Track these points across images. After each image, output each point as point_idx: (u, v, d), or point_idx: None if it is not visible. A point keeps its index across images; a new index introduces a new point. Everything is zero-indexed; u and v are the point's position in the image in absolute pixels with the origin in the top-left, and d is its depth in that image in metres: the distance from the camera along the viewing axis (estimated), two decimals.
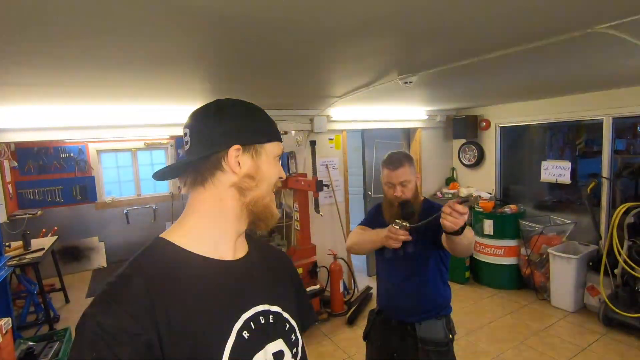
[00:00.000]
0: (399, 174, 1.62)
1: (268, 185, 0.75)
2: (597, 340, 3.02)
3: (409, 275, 1.67)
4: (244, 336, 0.67)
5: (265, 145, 0.74)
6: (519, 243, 3.98)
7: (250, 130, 0.73)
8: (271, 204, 0.77)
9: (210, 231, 0.71)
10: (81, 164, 5.43)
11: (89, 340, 0.56)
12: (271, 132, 0.77)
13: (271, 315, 0.74)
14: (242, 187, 0.72)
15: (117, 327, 0.57)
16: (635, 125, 3.66)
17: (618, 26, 1.22)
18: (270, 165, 0.75)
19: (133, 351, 0.56)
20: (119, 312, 0.58)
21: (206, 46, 1.31)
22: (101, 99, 2.40)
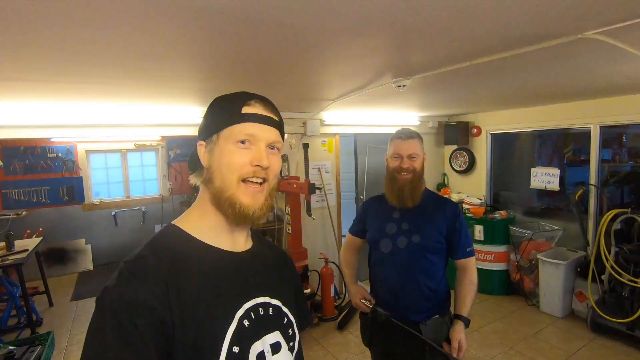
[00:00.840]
0: (410, 145, 1.53)
1: (223, 174, 0.70)
2: (585, 346, 3.04)
3: (412, 269, 1.55)
4: (244, 324, 0.69)
5: (220, 134, 0.72)
6: (509, 249, 4.02)
7: (209, 123, 0.75)
8: (232, 197, 0.70)
9: (208, 221, 0.74)
10: (69, 164, 5.33)
11: (110, 310, 0.59)
12: (226, 116, 0.72)
13: (271, 307, 0.75)
14: (205, 179, 0.74)
15: (137, 299, 0.59)
16: (621, 135, 3.75)
17: (607, 32, 1.24)
18: (225, 154, 0.70)
19: (149, 324, 0.59)
20: (138, 286, 0.61)
21: (196, 44, 1.30)
22: (91, 96, 2.36)
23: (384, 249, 1.59)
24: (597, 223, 3.48)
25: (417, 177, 1.55)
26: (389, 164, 1.62)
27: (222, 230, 0.75)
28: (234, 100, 0.74)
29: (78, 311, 4.08)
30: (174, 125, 3.19)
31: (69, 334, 3.55)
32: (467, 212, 4.29)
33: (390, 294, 1.59)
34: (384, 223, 1.62)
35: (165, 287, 0.62)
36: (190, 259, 0.68)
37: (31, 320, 3.44)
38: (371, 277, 1.72)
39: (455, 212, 1.60)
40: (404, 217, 1.59)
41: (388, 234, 1.60)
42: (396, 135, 1.60)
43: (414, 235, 1.55)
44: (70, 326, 3.71)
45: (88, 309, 4.13)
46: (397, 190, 1.55)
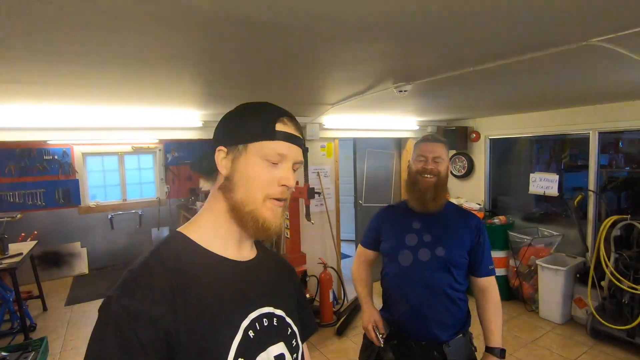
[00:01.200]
0: (436, 147, 1.46)
1: (247, 189, 0.69)
2: (585, 353, 3.03)
3: (436, 284, 1.42)
4: (249, 335, 0.68)
5: (247, 146, 0.70)
6: (508, 254, 4.01)
7: (235, 130, 0.72)
8: (255, 212, 0.70)
9: (217, 230, 0.73)
10: (65, 166, 5.28)
11: (113, 321, 0.58)
12: (257, 130, 0.70)
13: (275, 318, 0.74)
14: (224, 188, 0.72)
15: (140, 310, 0.58)
16: (617, 141, 3.76)
17: (613, 39, 1.24)
18: (254, 167, 0.69)
19: (153, 334, 0.58)
20: (141, 296, 0.60)
21: (197, 48, 1.28)
22: (89, 100, 2.33)
23: (403, 261, 1.45)
24: (596, 229, 3.48)
25: (441, 182, 1.46)
26: (411, 167, 1.52)
27: (230, 239, 0.74)
28: (267, 113, 0.72)
29: (72, 316, 4.02)
30: (173, 129, 3.16)
31: (62, 340, 3.49)
32: None
33: (411, 311, 1.43)
34: (403, 233, 1.49)
35: (172, 296, 0.61)
36: (196, 268, 0.67)
37: (25, 325, 3.38)
38: (386, 293, 1.55)
39: (478, 226, 1.50)
40: (425, 228, 1.47)
41: (408, 245, 1.46)
42: (422, 138, 1.55)
43: (437, 248, 1.42)
44: (65, 331, 3.65)
45: (83, 314, 4.07)
46: (419, 193, 1.45)
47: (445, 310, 1.43)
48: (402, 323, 1.45)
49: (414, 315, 1.42)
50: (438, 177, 1.45)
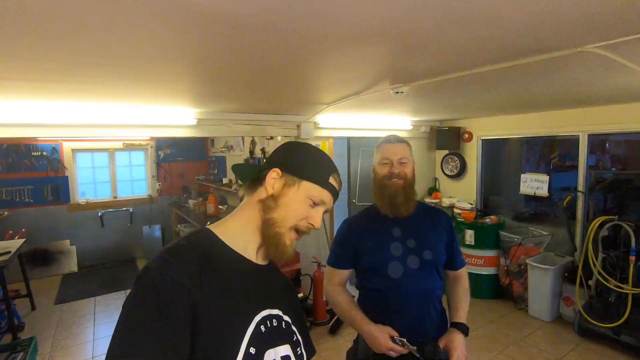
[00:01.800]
0: (399, 148, 1.42)
1: (286, 214, 0.79)
2: (573, 350, 3.10)
3: (429, 290, 1.41)
4: (261, 329, 0.73)
5: (302, 182, 0.80)
6: (499, 253, 4.07)
7: (294, 162, 0.83)
8: (281, 236, 0.78)
9: (242, 234, 0.80)
10: (54, 163, 5.19)
11: (153, 285, 0.63)
12: (315, 174, 0.81)
13: (283, 321, 0.80)
14: (265, 204, 0.79)
15: (177, 279, 0.64)
16: (604, 143, 3.84)
17: (607, 46, 1.26)
18: (298, 201, 0.80)
19: (186, 303, 0.63)
20: (178, 268, 0.66)
21: (192, 47, 1.26)
22: (80, 96, 2.29)
23: (393, 274, 1.37)
24: (584, 229, 3.56)
25: (409, 184, 1.41)
26: (377, 172, 1.46)
27: (251, 245, 0.81)
28: (328, 165, 0.85)
29: (62, 315, 3.96)
30: (166, 127, 3.12)
31: (52, 339, 3.44)
32: (458, 217, 4.33)
33: (412, 323, 1.37)
34: (386, 243, 1.41)
35: (199, 276, 0.67)
36: (219, 259, 0.74)
37: (13, 325, 3.33)
38: (372, 311, 1.40)
39: (449, 222, 1.55)
40: (406, 234, 1.42)
41: (395, 255, 1.39)
42: (384, 140, 1.49)
43: (424, 252, 1.40)
44: (54, 331, 3.60)
45: (73, 313, 4.02)
46: (389, 198, 1.39)
47: (436, 312, 1.44)
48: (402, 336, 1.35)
49: (414, 326, 1.37)
50: (405, 179, 1.40)
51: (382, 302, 1.40)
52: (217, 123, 3.30)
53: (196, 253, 0.71)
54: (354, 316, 1.39)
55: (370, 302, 1.44)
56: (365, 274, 1.46)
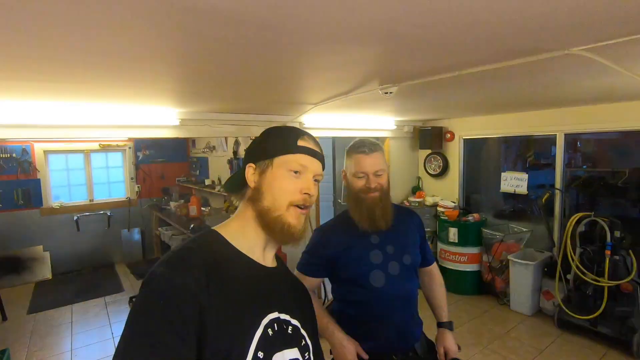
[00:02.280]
0: (375, 159, 1.33)
1: (274, 197, 0.78)
2: (553, 342, 3.21)
3: (409, 295, 1.41)
4: (268, 333, 0.72)
5: (273, 160, 0.80)
6: (481, 250, 4.17)
7: (263, 148, 0.82)
8: (282, 218, 0.77)
9: (244, 234, 0.79)
10: (25, 165, 4.94)
11: (158, 291, 0.63)
12: (282, 146, 0.80)
13: (290, 326, 0.78)
14: (253, 198, 0.80)
15: (183, 284, 0.63)
16: (576, 141, 3.99)
17: (593, 49, 1.30)
18: (279, 178, 0.78)
19: (192, 308, 0.62)
20: (184, 273, 0.65)
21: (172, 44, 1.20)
22: (51, 95, 2.17)
23: (375, 282, 1.34)
24: (562, 225, 3.69)
25: (385, 195, 1.36)
26: (351, 184, 1.37)
27: (256, 245, 0.80)
28: (290, 132, 0.84)
29: (36, 325, 3.78)
30: (147, 127, 3.02)
31: (27, 351, 3.27)
32: (442, 215, 4.41)
33: (397, 329, 1.37)
34: (365, 252, 1.36)
35: (207, 279, 0.66)
36: (227, 261, 0.73)
37: None
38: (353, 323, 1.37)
39: (420, 219, 1.55)
40: (384, 240, 1.38)
41: (375, 264, 1.35)
42: (356, 148, 1.36)
43: (404, 256, 1.38)
44: (28, 342, 3.42)
45: (47, 322, 3.84)
46: (368, 212, 1.33)
47: (415, 312, 1.46)
48: (388, 344, 1.36)
49: (399, 332, 1.37)
50: (381, 190, 1.34)
51: (365, 312, 1.37)
52: (200, 123, 3.22)
53: (204, 256, 0.70)
54: (326, 324, 1.33)
55: (352, 313, 1.39)
56: (345, 285, 1.40)
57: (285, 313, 0.78)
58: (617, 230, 3.06)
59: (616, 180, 3.59)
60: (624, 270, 3.01)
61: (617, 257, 3.03)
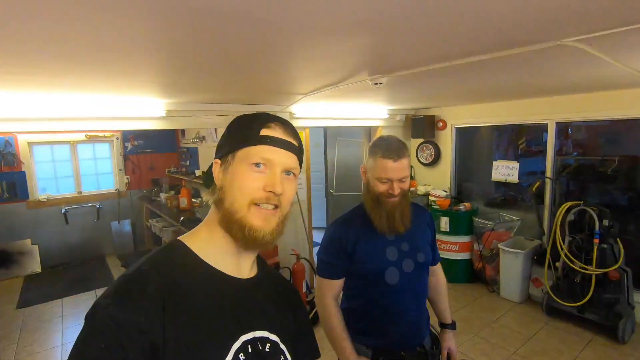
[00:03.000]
0: (402, 167, 1.29)
1: (233, 196, 0.68)
2: (541, 329, 3.26)
3: (421, 292, 1.43)
4: (240, 358, 0.65)
5: (235, 154, 0.70)
6: (472, 239, 4.19)
7: (226, 142, 0.73)
8: (243, 220, 0.67)
9: (215, 243, 0.71)
10: (8, 157, 4.81)
11: (99, 330, 0.56)
12: (243, 138, 0.70)
13: (268, 343, 0.71)
14: (216, 199, 0.71)
15: (129, 321, 0.56)
16: (567, 128, 3.99)
17: (585, 40, 1.27)
18: (239, 174, 0.68)
19: (140, 348, 0.56)
20: (132, 307, 0.58)
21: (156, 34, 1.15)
22: (34, 87, 2.09)
23: (390, 280, 1.34)
24: (552, 213, 3.72)
25: (405, 199, 1.35)
26: (373, 186, 1.34)
27: (227, 253, 0.71)
28: (254, 121, 0.72)
29: (25, 320, 3.74)
30: (133, 119, 2.94)
31: (16, 346, 3.24)
32: (434, 204, 4.41)
33: (411, 326, 1.38)
34: (382, 249, 1.36)
35: (162, 309, 0.59)
36: (192, 280, 0.65)
37: None
38: (367, 319, 1.39)
39: (431, 217, 1.56)
40: (400, 237, 1.38)
41: (391, 260, 1.35)
42: (383, 152, 1.30)
43: (418, 254, 1.39)
44: (18, 337, 3.39)
45: (37, 317, 3.80)
46: (387, 216, 1.33)
47: (426, 310, 1.46)
48: (399, 340, 1.38)
49: (410, 329, 1.38)
50: (402, 195, 1.33)
51: (378, 309, 1.37)
52: (187, 114, 3.14)
53: (160, 280, 0.61)
54: (344, 347, 1.34)
55: (364, 309, 1.40)
56: (359, 281, 1.38)
57: (263, 329, 0.71)
58: (606, 219, 3.09)
59: (606, 168, 3.62)
60: (611, 258, 3.05)
61: (605, 246, 3.06)
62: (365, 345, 1.40)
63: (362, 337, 1.40)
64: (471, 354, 2.92)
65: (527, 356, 2.89)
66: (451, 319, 1.59)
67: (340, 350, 1.36)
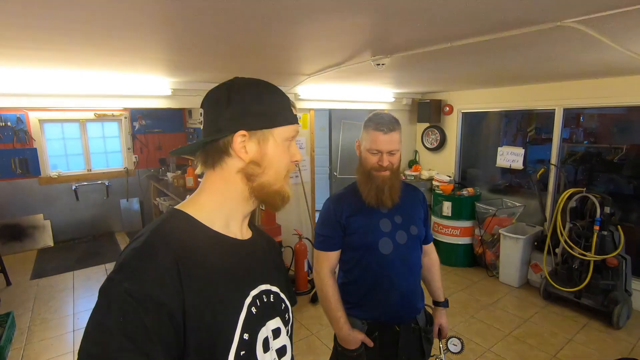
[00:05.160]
0: (392, 139, 1.34)
1: (276, 171, 0.74)
2: (537, 313, 3.32)
3: (414, 265, 1.46)
4: (252, 312, 0.70)
5: (273, 130, 0.72)
6: (474, 224, 4.22)
7: (257, 114, 0.71)
8: (282, 189, 0.75)
9: (221, 209, 0.73)
10: (20, 134, 4.92)
11: (116, 305, 0.55)
12: (281, 116, 0.74)
13: (272, 294, 0.77)
14: (249, 173, 0.72)
15: (145, 294, 0.56)
16: (579, 116, 3.94)
17: (584, 21, 1.26)
18: (279, 150, 0.73)
19: (159, 319, 0.56)
20: (146, 279, 0.58)
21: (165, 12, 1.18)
22: (43, 63, 2.14)
23: (384, 250, 1.39)
24: (555, 200, 3.71)
25: (395, 174, 1.39)
26: (364, 159, 1.41)
27: (234, 219, 0.75)
28: (284, 98, 0.75)
29: (39, 290, 3.91)
30: (140, 97, 2.98)
31: (30, 314, 3.41)
32: (437, 189, 4.43)
33: (402, 297, 1.42)
34: (375, 220, 1.42)
35: (178, 277, 0.60)
36: (201, 246, 0.67)
37: None
38: (360, 290, 1.44)
39: (424, 197, 1.60)
40: (393, 210, 1.43)
41: (384, 231, 1.40)
42: (375, 124, 1.36)
43: (411, 227, 1.43)
44: (32, 305, 3.56)
45: (51, 287, 3.97)
46: (376, 190, 1.38)
47: (419, 283, 1.51)
48: (393, 312, 1.42)
49: (404, 300, 1.42)
50: (392, 169, 1.38)
51: (373, 279, 1.41)
52: (193, 93, 3.18)
53: (172, 249, 0.62)
54: (338, 317, 1.40)
55: (358, 280, 1.44)
56: (353, 252, 1.44)
57: (265, 283, 0.76)
58: (608, 206, 3.08)
59: (613, 156, 3.59)
60: (611, 245, 3.07)
61: (604, 233, 3.07)
62: (360, 320, 1.44)
63: (357, 311, 1.45)
64: (466, 334, 3.00)
65: (520, 337, 2.95)
66: (444, 297, 1.63)
67: (335, 321, 1.42)
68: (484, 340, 2.92)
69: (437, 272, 1.65)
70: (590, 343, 2.86)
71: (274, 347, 0.74)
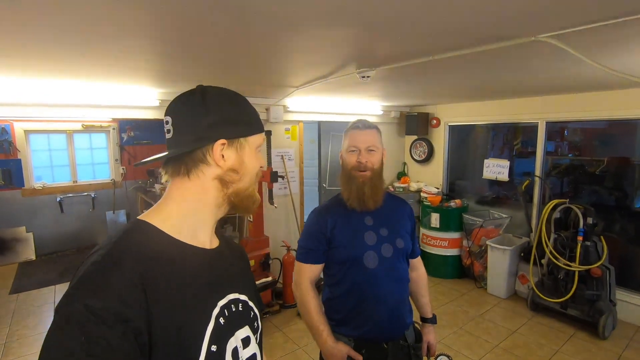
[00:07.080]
0: (368, 135, 1.36)
1: (251, 177, 0.77)
2: (525, 324, 3.33)
3: (401, 279, 1.42)
4: (220, 322, 0.69)
5: (249, 139, 0.75)
6: (462, 235, 4.25)
7: (235, 123, 0.74)
8: (254, 193, 0.79)
9: (190, 219, 0.72)
10: (5, 145, 4.84)
11: (77, 323, 0.52)
12: (255, 124, 0.77)
13: (240, 303, 0.76)
14: (226, 179, 0.73)
15: (108, 310, 0.53)
16: (563, 130, 4.05)
17: (559, 36, 1.31)
18: (253, 157, 0.77)
19: (122, 336, 0.53)
20: (109, 294, 0.55)
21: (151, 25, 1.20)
22: (30, 73, 2.13)
23: (369, 264, 1.35)
24: (540, 211, 3.77)
25: (376, 175, 1.38)
26: (345, 161, 1.42)
27: (203, 228, 0.74)
28: (252, 107, 0.79)
29: (19, 305, 3.78)
30: (127, 107, 2.97)
31: (8, 330, 3.29)
32: (425, 201, 4.47)
33: (390, 312, 1.37)
34: (360, 233, 1.38)
35: (142, 290, 0.57)
36: (166, 259, 0.65)
37: None
38: (346, 306, 1.39)
39: (412, 211, 1.56)
40: (378, 222, 1.41)
41: (369, 245, 1.37)
42: (352, 125, 1.42)
43: (396, 240, 1.40)
44: (10, 321, 3.44)
45: (30, 302, 3.85)
46: (357, 191, 1.36)
47: (407, 297, 1.48)
48: (380, 328, 1.37)
49: (391, 315, 1.37)
50: (372, 170, 1.36)
51: (358, 293, 1.37)
52: None
53: (134, 262, 0.60)
54: (321, 330, 1.36)
55: (344, 296, 1.40)
56: (338, 267, 1.39)
57: (233, 292, 0.75)
58: (590, 216, 3.14)
59: (595, 168, 3.68)
60: (594, 256, 3.11)
61: (588, 243, 3.12)
62: (347, 337, 1.39)
63: (343, 328, 1.40)
64: (455, 347, 2.98)
65: (508, 349, 2.95)
66: (432, 313, 1.60)
67: (317, 334, 1.36)
68: (472, 352, 2.91)
69: (424, 286, 1.61)
70: (577, 354, 2.87)
71: (244, 356, 0.73)
